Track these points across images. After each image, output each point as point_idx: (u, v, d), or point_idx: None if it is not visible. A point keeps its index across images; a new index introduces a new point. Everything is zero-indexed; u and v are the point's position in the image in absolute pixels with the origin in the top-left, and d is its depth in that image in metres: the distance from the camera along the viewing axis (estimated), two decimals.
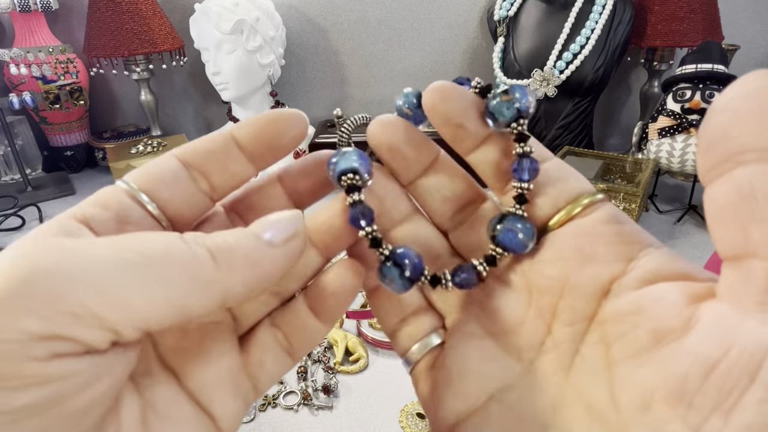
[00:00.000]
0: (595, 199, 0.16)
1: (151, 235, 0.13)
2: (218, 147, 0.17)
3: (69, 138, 1.17)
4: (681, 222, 0.90)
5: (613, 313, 0.14)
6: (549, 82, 0.99)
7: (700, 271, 0.14)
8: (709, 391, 0.11)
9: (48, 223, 0.14)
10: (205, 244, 0.14)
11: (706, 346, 0.12)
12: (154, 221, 0.16)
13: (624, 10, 0.98)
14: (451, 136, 0.17)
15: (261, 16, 0.99)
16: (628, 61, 1.18)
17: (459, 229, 0.19)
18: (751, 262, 0.11)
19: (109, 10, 1.01)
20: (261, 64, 1.02)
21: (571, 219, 0.16)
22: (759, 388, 0.10)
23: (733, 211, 0.11)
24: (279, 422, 0.54)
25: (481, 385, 0.16)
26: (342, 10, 1.18)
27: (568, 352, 0.15)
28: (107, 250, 0.12)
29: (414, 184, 0.19)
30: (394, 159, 0.18)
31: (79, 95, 1.05)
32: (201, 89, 1.27)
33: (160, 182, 0.17)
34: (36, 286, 0.11)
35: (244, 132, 0.18)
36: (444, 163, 0.19)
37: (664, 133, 0.85)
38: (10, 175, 1.16)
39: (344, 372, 0.60)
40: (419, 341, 0.19)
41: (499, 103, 0.16)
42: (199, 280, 0.13)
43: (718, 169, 0.12)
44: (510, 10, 1.04)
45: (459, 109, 0.17)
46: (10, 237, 0.92)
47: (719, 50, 0.85)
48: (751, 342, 0.11)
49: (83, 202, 0.16)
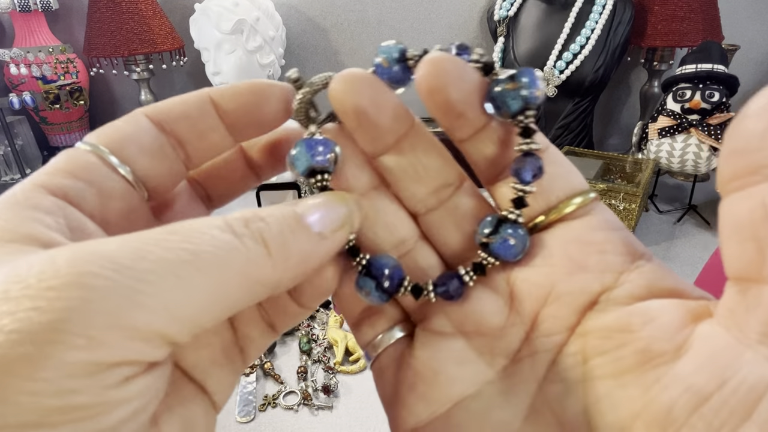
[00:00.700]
0: (588, 199, 0.15)
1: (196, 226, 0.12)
2: (196, 112, 0.16)
3: (69, 138, 1.17)
4: (681, 222, 0.90)
5: (598, 327, 0.13)
6: (549, 82, 0.99)
7: (692, 289, 0.14)
8: (698, 424, 0.11)
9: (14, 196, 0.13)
10: (262, 238, 0.12)
11: (700, 377, 0.11)
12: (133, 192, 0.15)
13: (624, 10, 0.98)
14: (447, 124, 0.15)
15: (261, 16, 0.99)
16: (628, 61, 1.18)
17: (432, 214, 0.17)
18: (762, 288, 0.10)
19: (109, 10, 1.01)
20: (261, 64, 1.02)
21: (561, 219, 0.15)
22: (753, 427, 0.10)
23: (754, 229, 0.10)
24: (279, 422, 0.54)
25: (446, 390, 0.15)
26: (342, 10, 1.18)
27: (544, 362, 0.14)
28: (153, 249, 0.11)
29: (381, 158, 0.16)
30: (360, 126, 0.15)
31: (79, 95, 1.05)
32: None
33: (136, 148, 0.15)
34: (92, 312, 0.10)
35: (225, 98, 0.16)
36: (419, 135, 0.16)
37: (664, 133, 0.85)
38: (10, 175, 1.16)
39: (344, 372, 0.60)
40: (381, 333, 0.17)
41: (504, 92, 0.14)
42: (255, 281, 0.12)
43: (743, 180, 0.11)
44: (510, 10, 1.04)
45: (461, 94, 0.14)
46: None
47: (719, 50, 0.85)
48: (751, 377, 0.10)
49: (47, 169, 0.14)
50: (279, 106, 0.16)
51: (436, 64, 0.14)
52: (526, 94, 0.14)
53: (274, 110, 0.16)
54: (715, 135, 0.81)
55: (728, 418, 0.10)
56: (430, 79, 0.14)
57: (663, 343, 0.12)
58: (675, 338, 0.12)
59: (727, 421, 0.10)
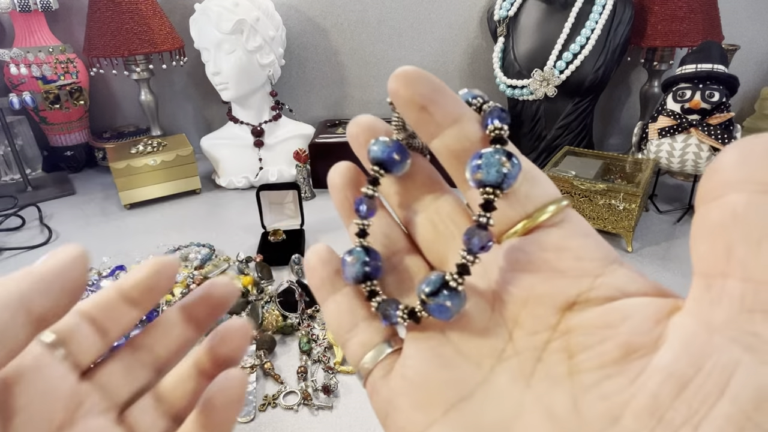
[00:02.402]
0: (561, 207, 0.16)
1: None
2: (112, 303, 0.18)
3: (69, 138, 1.17)
4: (681, 222, 0.90)
5: (579, 325, 0.15)
6: (549, 82, 0.99)
7: (661, 288, 0.15)
8: (681, 407, 0.12)
9: None
10: None
11: (679, 365, 0.12)
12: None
13: (624, 10, 0.98)
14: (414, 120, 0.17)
15: (261, 16, 0.99)
16: (628, 61, 1.18)
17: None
18: (725, 282, 0.12)
19: (109, 10, 1.01)
20: (261, 64, 1.02)
21: (538, 226, 0.16)
22: (726, 402, 0.11)
23: (722, 229, 0.12)
24: (279, 422, 0.54)
25: (440, 396, 0.16)
26: (342, 10, 1.18)
27: (529, 359, 0.15)
28: None
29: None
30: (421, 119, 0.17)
31: (79, 95, 1.05)
32: (201, 89, 1.27)
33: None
34: None
35: (130, 285, 0.19)
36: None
37: (664, 133, 0.85)
38: (10, 175, 1.16)
39: (344, 372, 0.60)
40: (372, 349, 0.18)
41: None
42: None
43: (716, 191, 0.12)
44: (510, 10, 1.04)
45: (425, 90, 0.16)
46: (10, 237, 0.92)
47: (719, 50, 0.85)
48: (722, 359, 0.11)
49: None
50: (170, 282, 0.19)
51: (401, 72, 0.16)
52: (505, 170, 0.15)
53: (168, 285, 0.19)
54: (715, 135, 0.81)
55: (705, 398, 0.11)
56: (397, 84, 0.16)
57: (642, 337, 0.13)
58: (652, 332, 0.13)
59: (705, 401, 0.11)
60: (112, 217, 0.99)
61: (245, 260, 0.79)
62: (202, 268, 0.77)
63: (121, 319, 0.18)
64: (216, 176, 1.11)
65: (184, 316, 0.20)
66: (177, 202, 1.04)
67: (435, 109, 0.16)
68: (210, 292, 0.20)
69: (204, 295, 0.20)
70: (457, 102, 0.17)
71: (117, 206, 1.02)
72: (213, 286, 0.20)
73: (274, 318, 0.66)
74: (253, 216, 0.88)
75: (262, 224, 0.86)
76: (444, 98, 0.16)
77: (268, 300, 0.71)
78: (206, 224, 0.95)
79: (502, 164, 0.15)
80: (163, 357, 0.20)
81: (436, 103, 0.16)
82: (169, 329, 0.20)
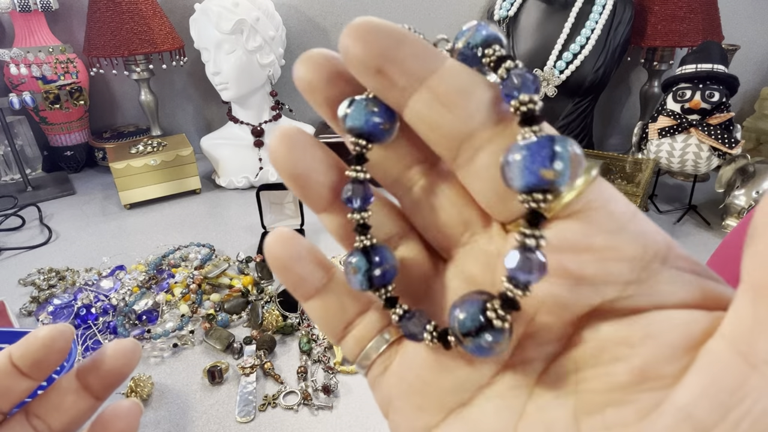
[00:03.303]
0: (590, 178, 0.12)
1: None
2: (4, 371, 0.18)
3: (69, 138, 1.17)
4: (681, 222, 0.90)
5: (593, 337, 0.12)
6: (549, 82, 0.99)
7: (719, 293, 0.12)
8: None
9: None
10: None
11: (701, 407, 0.10)
12: None
13: (624, 10, 0.98)
14: (373, 88, 0.13)
15: (261, 16, 0.99)
16: (628, 61, 1.18)
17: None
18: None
19: (109, 10, 1.01)
20: (261, 64, 1.02)
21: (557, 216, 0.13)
22: None
23: None
24: (279, 422, 0.54)
25: (440, 401, 0.15)
26: (342, 10, 1.18)
27: (536, 370, 0.14)
28: None
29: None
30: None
31: (79, 95, 1.05)
32: (201, 89, 1.27)
33: None
34: None
35: (20, 354, 0.18)
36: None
37: (664, 133, 0.85)
38: (10, 175, 1.16)
39: (344, 372, 0.60)
40: (370, 342, 0.16)
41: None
42: None
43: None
44: (510, 10, 1.04)
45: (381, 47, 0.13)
46: (10, 237, 0.92)
47: (719, 50, 0.85)
48: (756, 408, 0.09)
49: None
50: (64, 346, 0.19)
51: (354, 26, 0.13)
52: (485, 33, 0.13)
53: (58, 352, 0.19)
54: (715, 135, 0.81)
55: None
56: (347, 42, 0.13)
57: (662, 365, 0.11)
58: (677, 361, 0.11)
59: None
60: (112, 217, 0.99)
61: (245, 260, 0.79)
62: (202, 268, 0.78)
63: (12, 389, 0.18)
64: (216, 176, 1.11)
65: (79, 383, 0.19)
66: (177, 202, 1.04)
67: (393, 70, 0.12)
68: (102, 360, 0.19)
69: (96, 361, 0.19)
70: (425, 54, 0.12)
71: (117, 206, 1.02)
72: (104, 353, 0.19)
73: (274, 318, 0.66)
74: (253, 216, 0.88)
75: (262, 224, 0.86)
76: (405, 51, 0.12)
77: (268, 300, 0.71)
78: (206, 224, 0.95)
79: (551, 159, 0.11)
80: (57, 428, 0.19)
81: (394, 61, 0.12)
82: (62, 397, 0.19)
